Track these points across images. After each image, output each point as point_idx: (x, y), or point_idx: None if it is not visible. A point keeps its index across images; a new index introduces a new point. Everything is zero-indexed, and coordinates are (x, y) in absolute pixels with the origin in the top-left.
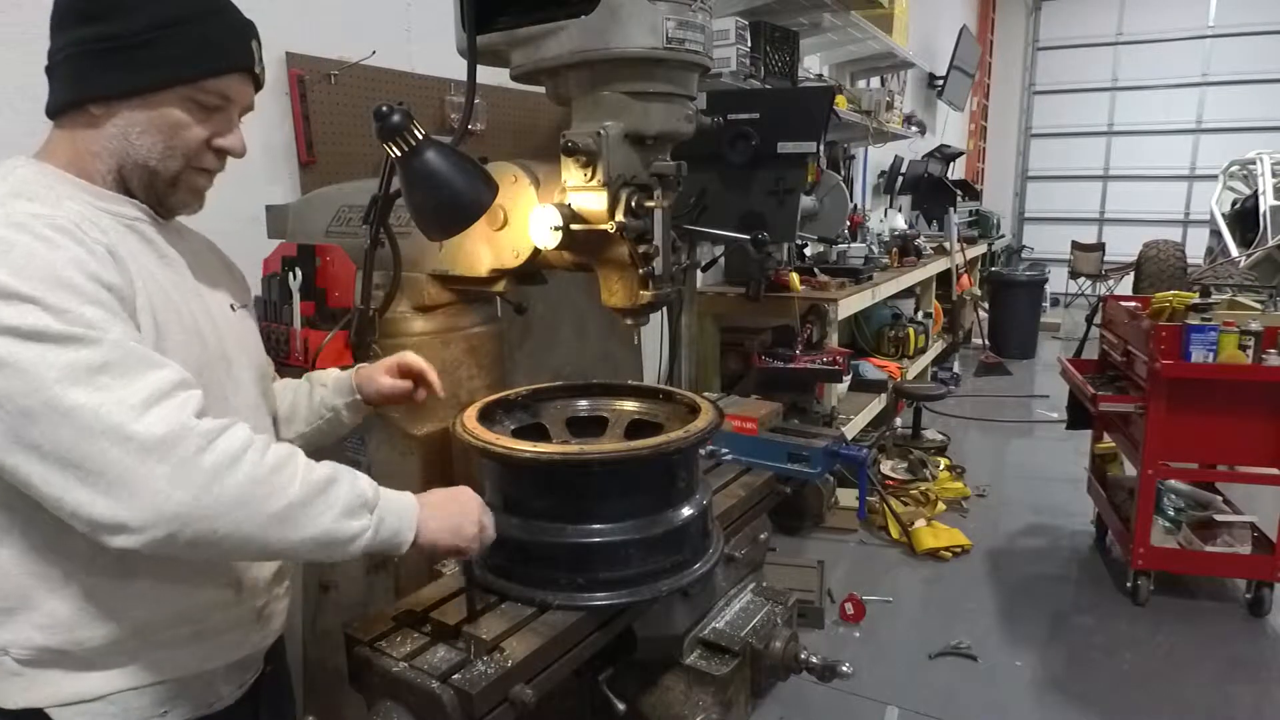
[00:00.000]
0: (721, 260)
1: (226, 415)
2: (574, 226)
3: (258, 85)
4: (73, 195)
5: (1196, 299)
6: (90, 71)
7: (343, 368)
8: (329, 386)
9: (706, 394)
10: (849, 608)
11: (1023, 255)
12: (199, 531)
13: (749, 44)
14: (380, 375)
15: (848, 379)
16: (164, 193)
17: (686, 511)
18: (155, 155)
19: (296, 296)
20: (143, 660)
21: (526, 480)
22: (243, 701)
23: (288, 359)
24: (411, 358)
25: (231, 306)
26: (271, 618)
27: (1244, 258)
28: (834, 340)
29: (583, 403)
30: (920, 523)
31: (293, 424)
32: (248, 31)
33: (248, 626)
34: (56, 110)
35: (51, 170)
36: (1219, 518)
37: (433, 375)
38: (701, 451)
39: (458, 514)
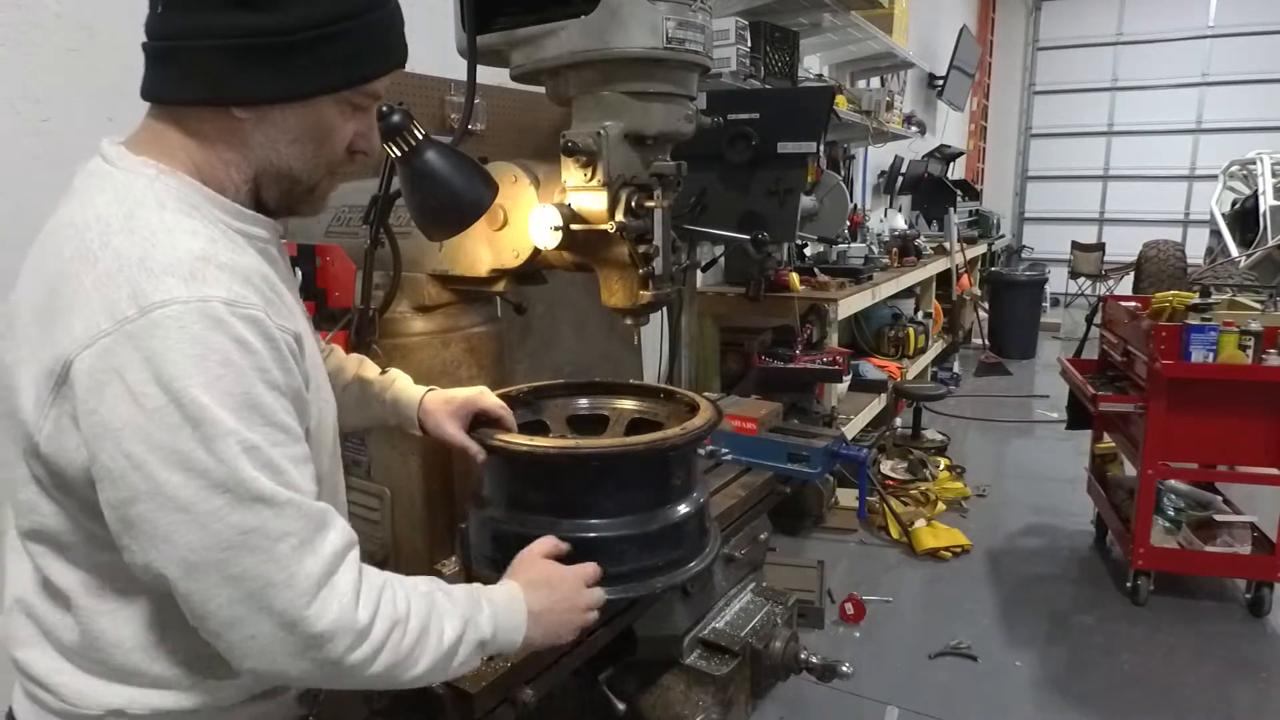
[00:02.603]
0: (721, 260)
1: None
2: (574, 226)
3: None
4: (216, 222)
5: (1196, 299)
6: (240, 70)
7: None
8: (388, 404)
9: (706, 394)
10: (849, 608)
11: (1023, 255)
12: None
13: (749, 44)
14: (449, 424)
15: (848, 379)
16: (299, 199)
17: (683, 509)
18: (301, 163)
19: None
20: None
21: (522, 474)
22: None
23: None
24: (489, 403)
25: None
26: None
27: (1244, 258)
28: (834, 340)
29: (583, 401)
30: (920, 523)
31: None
32: (400, 20)
33: None
34: (174, 103)
35: (188, 185)
36: (1219, 518)
37: (508, 420)
38: (701, 451)
39: (559, 624)
